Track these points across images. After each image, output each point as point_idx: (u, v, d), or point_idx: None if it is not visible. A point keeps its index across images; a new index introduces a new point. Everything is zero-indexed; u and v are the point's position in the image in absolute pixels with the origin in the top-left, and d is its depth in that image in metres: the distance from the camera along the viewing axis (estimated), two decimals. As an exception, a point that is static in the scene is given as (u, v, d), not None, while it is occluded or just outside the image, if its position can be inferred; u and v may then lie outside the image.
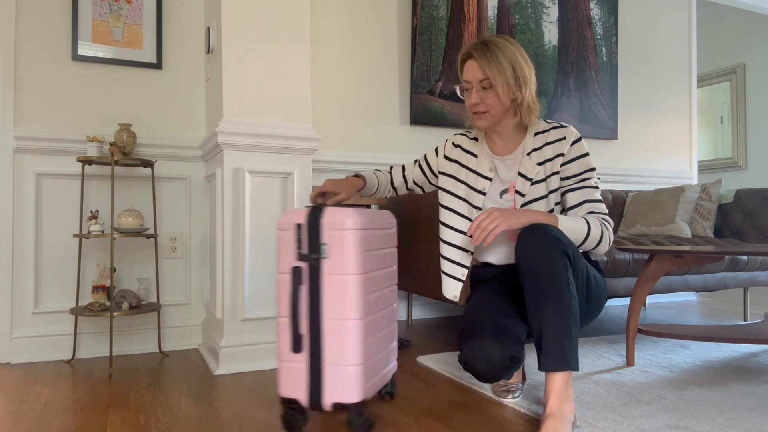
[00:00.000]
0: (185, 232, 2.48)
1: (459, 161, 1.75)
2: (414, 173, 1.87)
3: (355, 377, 1.34)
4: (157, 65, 2.43)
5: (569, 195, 1.60)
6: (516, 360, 1.46)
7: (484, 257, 1.73)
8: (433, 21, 3.05)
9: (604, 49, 3.58)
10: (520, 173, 1.63)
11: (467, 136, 1.79)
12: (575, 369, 1.36)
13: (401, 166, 1.90)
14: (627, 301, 3.71)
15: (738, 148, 5.29)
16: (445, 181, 1.75)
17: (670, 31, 3.90)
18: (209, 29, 2.30)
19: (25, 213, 2.23)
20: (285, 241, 1.41)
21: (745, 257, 2.70)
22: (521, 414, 1.57)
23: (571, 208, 1.59)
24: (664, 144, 3.88)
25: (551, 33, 3.40)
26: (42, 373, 2.03)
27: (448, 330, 2.79)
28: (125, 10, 2.38)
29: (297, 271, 1.39)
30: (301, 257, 1.39)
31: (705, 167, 5.55)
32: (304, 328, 1.38)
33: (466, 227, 1.68)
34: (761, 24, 5.10)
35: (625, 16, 3.74)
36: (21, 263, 2.22)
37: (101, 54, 2.34)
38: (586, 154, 1.60)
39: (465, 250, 1.68)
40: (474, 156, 1.72)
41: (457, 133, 1.82)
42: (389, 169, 1.90)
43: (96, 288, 2.18)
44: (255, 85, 2.10)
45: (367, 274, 1.39)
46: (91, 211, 2.22)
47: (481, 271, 1.75)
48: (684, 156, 3.96)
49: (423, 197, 2.38)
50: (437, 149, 1.83)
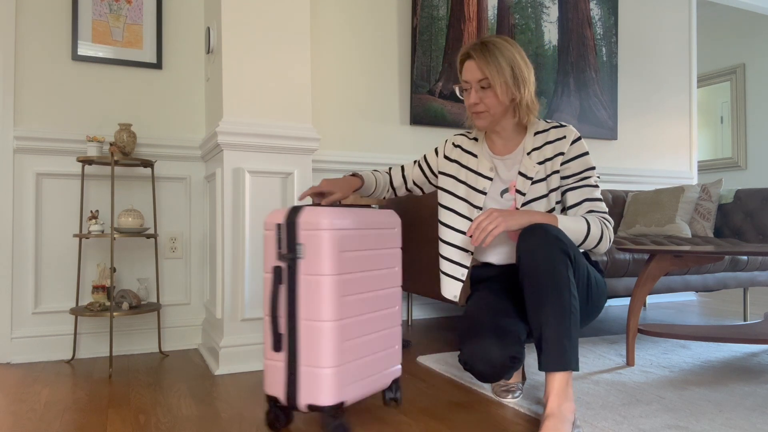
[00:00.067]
0: (185, 232, 2.48)
1: (459, 161, 1.75)
2: (414, 173, 1.87)
3: (329, 380, 1.32)
4: (157, 65, 2.43)
5: (569, 194, 1.60)
6: (516, 360, 1.46)
7: (484, 257, 1.73)
8: (433, 21, 3.05)
9: (604, 49, 3.58)
10: (520, 172, 1.63)
11: (467, 136, 1.79)
12: (575, 369, 1.36)
13: (400, 166, 1.90)
14: (627, 301, 3.71)
15: (738, 148, 5.29)
16: (445, 181, 1.75)
17: (670, 31, 3.90)
18: (209, 29, 2.30)
19: (25, 213, 2.23)
20: (269, 241, 1.43)
21: (745, 257, 2.70)
22: (521, 414, 1.57)
23: (571, 207, 1.59)
24: (664, 144, 3.88)
25: (551, 33, 3.40)
26: (42, 373, 2.03)
27: (448, 330, 2.79)
28: (125, 10, 2.38)
29: (277, 271, 1.39)
30: (280, 257, 1.39)
31: (705, 167, 5.55)
32: (283, 327, 1.38)
33: (466, 227, 1.68)
34: (761, 24, 5.10)
35: (625, 16, 3.74)
36: (21, 263, 2.22)
37: (101, 54, 2.34)
38: (585, 153, 1.61)
39: (465, 250, 1.68)
40: (474, 156, 1.73)
41: (457, 134, 1.83)
42: (388, 170, 1.90)
43: (96, 288, 2.18)
44: (255, 85, 2.10)
45: (345, 275, 1.36)
46: (91, 211, 2.22)
47: (481, 271, 1.75)
48: (684, 156, 3.96)
49: (423, 197, 2.38)
50: (437, 149, 1.83)
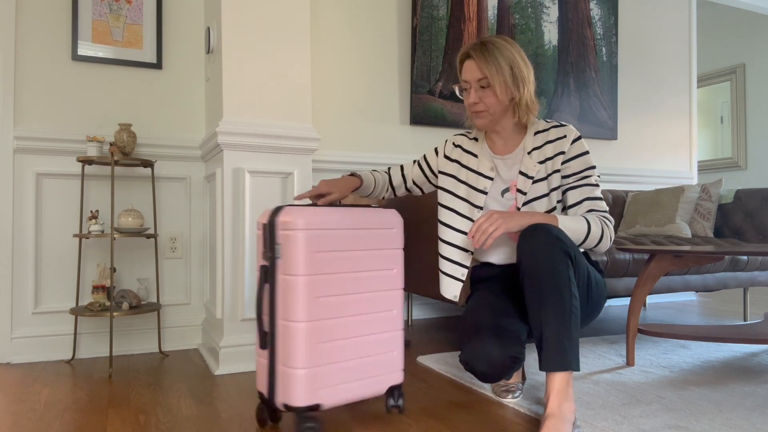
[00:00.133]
0: (185, 232, 2.48)
1: (459, 161, 1.75)
2: (413, 173, 1.87)
3: (300, 381, 1.32)
4: (157, 65, 2.43)
5: (570, 193, 1.60)
6: (517, 360, 1.46)
7: (484, 257, 1.73)
8: (433, 21, 3.05)
9: (604, 49, 3.58)
10: (521, 172, 1.63)
11: (467, 136, 1.79)
12: (576, 369, 1.36)
13: (400, 166, 1.90)
14: (627, 301, 3.71)
15: (738, 148, 5.29)
16: (445, 181, 1.75)
17: (670, 31, 3.90)
18: (209, 29, 2.30)
19: (25, 213, 2.23)
20: (258, 241, 1.45)
21: (745, 257, 2.70)
22: (521, 414, 1.57)
23: (572, 206, 1.59)
24: (664, 144, 3.88)
25: (551, 33, 3.40)
26: (42, 373, 2.03)
27: (448, 330, 2.79)
28: (125, 10, 2.38)
29: (263, 270, 1.41)
30: (264, 256, 1.41)
31: (705, 167, 5.55)
32: (267, 325, 1.40)
33: (466, 227, 1.68)
34: (761, 24, 5.10)
35: (625, 16, 3.74)
36: (21, 263, 2.22)
37: (101, 54, 2.34)
38: (586, 152, 1.61)
39: (465, 250, 1.68)
40: (474, 156, 1.73)
41: (457, 134, 1.83)
42: (387, 170, 1.90)
43: (96, 288, 2.18)
44: (255, 85, 2.10)
45: (321, 275, 1.35)
46: (91, 211, 2.22)
47: (482, 271, 1.75)
48: (684, 156, 3.96)
49: (423, 197, 2.38)
50: (437, 149, 1.83)
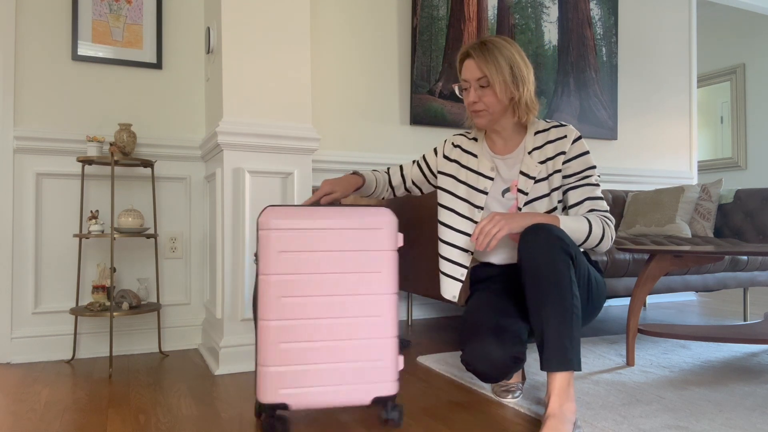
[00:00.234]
0: (185, 232, 2.48)
1: (459, 161, 1.75)
2: (413, 173, 1.87)
3: (267, 378, 1.34)
4: (157, 65, 2.43)
5: (570, 193, 1.60)
6: (518, 360, 1.47)
7: (484, 257, 1.73)
8: (433, 21, 3.05)
9: (604, 49, 3.58)
10: (522, 172, 1.63)
11: (466, 136, 1.79)
12: (577, 369, 1.36)
13: (399, 166, 1.90)
14: (627, 301, 3.71)
15: (738, 148, 5.29)
16: (445, 181, 1.75)
17: (670, 31, 3.90)
18: (209, 29, 2.30)
19: (25, 213, 2.23)
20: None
21: (745, 257, 2.70)
22: (521, 414, 1.57)
23: (573, 206, 1.59)
24: (664, 144, 3.88)
25: (551, 33, 3.39)
26: (42, 373, 2.03)
27: (448, 330, 2.79)
28: (125, 10, 2.38)
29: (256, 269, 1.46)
30: (256, 256, 1.45)
31: (705, 167, 5.55)
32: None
33: (466, 227, 1.68)
34: (761, 24, 5.10)
35: (625, 16, 3.74)
36: (21, 263, 2.22)
37: (101, 54, 2.34)
38: (586, 152, 1.61)
39: (464, 250, 1.68)
40: (474, 156, 1.73)
41: (456, 134, 1.83)
42: (387, 170, 1.90)
43: (96, 288, 2.18)
44: (255, 85, 2.10)
45: (291, 275, 1.35)
46: (91, 211, 2.22)
47: (482, 271, 1.75)
48: (684, 156, 3.96)
49: (423, 198, 2.38)
50: (436, 149, 1.83)
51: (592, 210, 1.56)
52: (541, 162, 1.62)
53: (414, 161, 1.88)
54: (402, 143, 3.04)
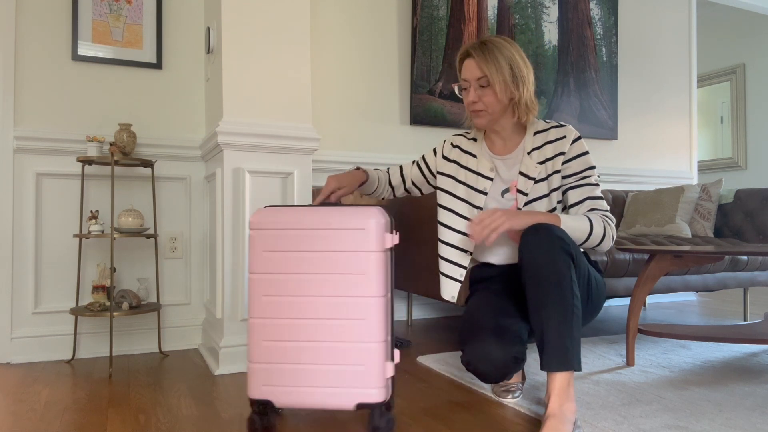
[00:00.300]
0: (185, 232, 2.48)
1: (458, 162, 1.75)
2: (412, 173, 1.87)
3: (251, 374, 1.38)
4: (157, 65, 2.43)
5: (570, 192, 1.60)
6: (518, 360, 1.47)
7: (484, 257, 1.72)
8: (433, 21, 3.05)
9: (604, 49, 3.58)
10: (521, 172, 1.63)
11: (465, 136, 1.79)
12: (578, 369, 1.36)
13: (399, 166, 1.90)
14: (627, 301, 3.71)
15: (738, 148, 5.29)
16: (444, 182, 1.75)
17: (670, 31, 3.90)
18: (209, 29, 2.30)
19: (25, 213, 2.23)
20: None
21: (745, 257, 2.70)
22: (521, 414, 1.57)
23: (573, 205, 1.59)
24: (664, 144, 3.88)
25: (551, 33, 3.40)
26: (42, 373, 2.03)
27: (448, 330, 2.79)
28: (125, 10, 2.38)
29: None
30: None
31: (705, 167, 5.55)
32: None
33: (464, 228, 1.68)
34: (761, 24, 5.10)
35: (625, 16, 3.74)
36: (21, 263, 2.22)
37: (101, 54, 2.34)
38: (586, 152, 1.61)
39: (463, 250, 1.68)
40: (473, 156, 1.72)
41: (456, 134, 1.82)
42: (387, 169, 1.90)
43: (96, 288, 2.18)
44: (255, 85, 2.10)
45: (274, 274, 1.36)
46: (91, 211, 2.22)
47: (482, 271, 1.74)
48: (684, 156, 3.96)
49: (423, 198, 2.38)
50: (435, 150, 1.83)
51: (592, 209, 1.56)
52: (540, 162, 1.62)
53: (414, 162, 1.88)
54: (402, 143, 3.04)
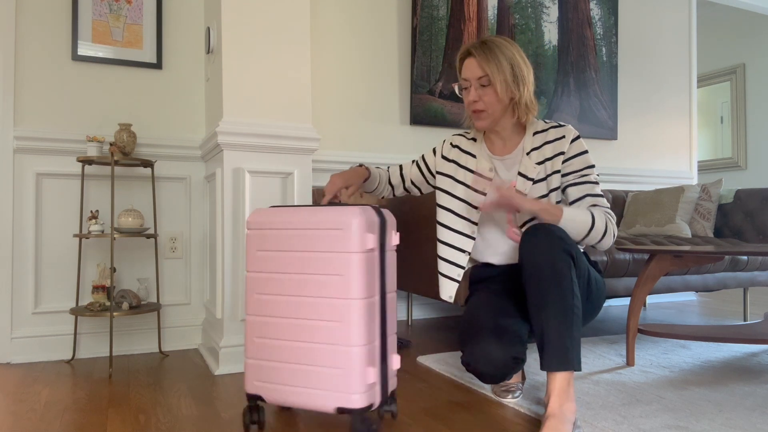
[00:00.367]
0: (185, 232, 2.48)
1: (457, 162, 1.75)
2: (412, 173, 1.87)
3: (246, 369, 1.43)
4: (157, 65, 2.43)
5: (570, 189, 1.60)
6: (518, 360, 1.47)
7: (484, 257, 1.72)
8: (433, 21, 3.05)
9: (604, 49, 3.58)
10: (520, 173, 1.63)
11: (465, 136, 1.79)
12: (578, 369, 1.36)
13: (399, 165, 1.90)
14: (627, 301, 3.71)
15: (738, 148, 5.29)
16: (443, 182, 1.75)
17: (670, 31, 3.90)
18: (209, 29, 2.30)
19: (25, 213, 2.23)
20: None
21: (745, 257, 2.70)
22: (521, 414, 1.57)
23: (573, 202, 1.59)
24: (664, 144, 3.88)
25: (551, 33, 3.39)
26: (42, 373, 2.03)
27: (448, 330, 2.79)
28: (125, 10, 2.38)
29: None
30: None
31: (705, 167, 5.55)
32: None
33: (463, 228, 1.68)
34: (761, 24, 5.10)
35: (625, 16, 3.74)
36: (21, 263, 2.22)
37: (101, 54, 2.34)
38: (585, 151, 1.61)
39: (462, 250, 1.68)
40: (473, 156, 1.72)
41: (455, 134, 1.82)
42: (387, 168, 1.90)
43: (96, 288, 2.18)
44: (255, 85, 2.10)
45: (264, 273, 1.41)
46: (91, 211, 2.22)
47: (481, 271, 1.74)
48: (684, 156, 3.96)
49: (422, 198, 2.37)
50: (435, 149, 1.83)
51: (593, 206, 1.55)
52: (539, 163, 1.62)
53: (413, 161, 1.88)
54: (402, 143, 3.04)
